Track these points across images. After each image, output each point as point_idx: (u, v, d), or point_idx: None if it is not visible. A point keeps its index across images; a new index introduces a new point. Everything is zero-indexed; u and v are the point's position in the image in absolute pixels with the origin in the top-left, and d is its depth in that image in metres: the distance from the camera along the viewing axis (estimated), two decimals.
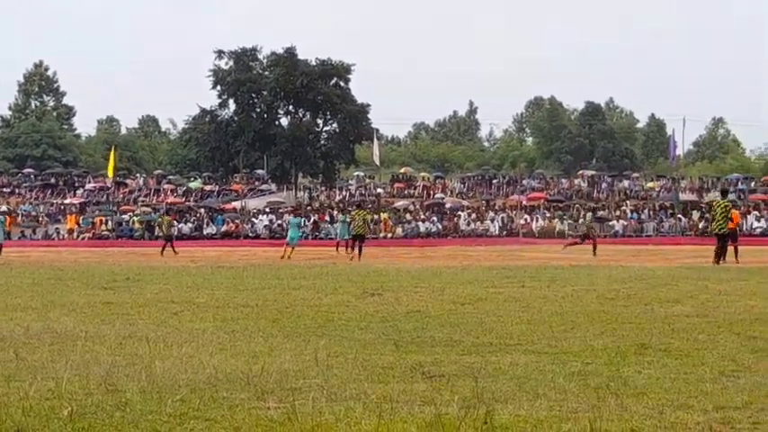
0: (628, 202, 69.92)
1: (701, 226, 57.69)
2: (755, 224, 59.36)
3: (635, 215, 65.28)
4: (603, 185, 77.82)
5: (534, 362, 8.97)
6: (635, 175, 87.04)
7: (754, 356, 9.06)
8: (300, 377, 8.09)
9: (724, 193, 34.32)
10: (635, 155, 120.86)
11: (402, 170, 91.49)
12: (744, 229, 51.77)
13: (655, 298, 15.89)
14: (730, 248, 29.50)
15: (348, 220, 39.40)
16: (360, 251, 34.18)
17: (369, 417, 6.38)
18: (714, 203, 28.71)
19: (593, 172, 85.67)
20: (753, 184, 78.75)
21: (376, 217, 61.43)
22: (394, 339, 10.69)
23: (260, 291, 17.95)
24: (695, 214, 61.68)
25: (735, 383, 7.58)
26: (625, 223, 63.33)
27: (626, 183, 79.12)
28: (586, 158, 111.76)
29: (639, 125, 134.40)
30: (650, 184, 78.68)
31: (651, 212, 66.04)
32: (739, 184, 76.98)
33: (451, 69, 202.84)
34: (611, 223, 63.24)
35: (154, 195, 77.07)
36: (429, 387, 7.64)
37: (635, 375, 8.08)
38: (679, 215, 62.44)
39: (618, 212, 65.91)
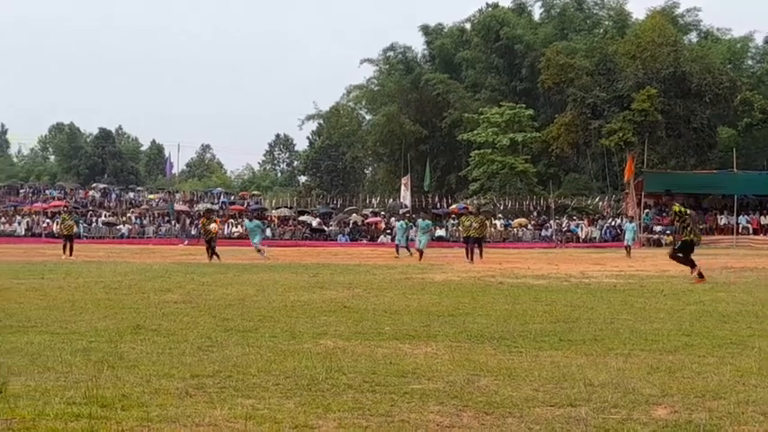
0: (133, 209, 69.33)
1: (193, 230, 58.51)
2: (234, 230, 61.23)
3: (139, 220, 65.04)
4: (113, 196, 76.62)
5: (47, 341, 8.61)
6: (139, 188, 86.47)
7: (226, 334, 9.24)
8: None
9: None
10: (139, 172, 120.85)
11: None
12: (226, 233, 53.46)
13: (151, 288, 15.85)
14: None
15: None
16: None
17: None
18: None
19: (105, 185, 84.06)
20: (232, 197, 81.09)
21: None
22: None
23: None
24: (187, 220, 62.40)
25: (209, 356, 7.68)
26: (130, 227, 62.91)
27: (131, 194, 78.50)
28: (100, 174, 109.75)
29: (143, 148, 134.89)
30: (151, 196, 78.41)
31: (152, 218, 66.10)
32: (222, 197, 79.01)
33: None
34: (118, 227, 62.53)
35: None
36: None
37: (130, 351, 7.95)
38: (174, 221, 63.03)
39: (124, 218, 65.42)
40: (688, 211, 18.85)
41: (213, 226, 30.04)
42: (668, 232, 50.68)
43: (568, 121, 68.41)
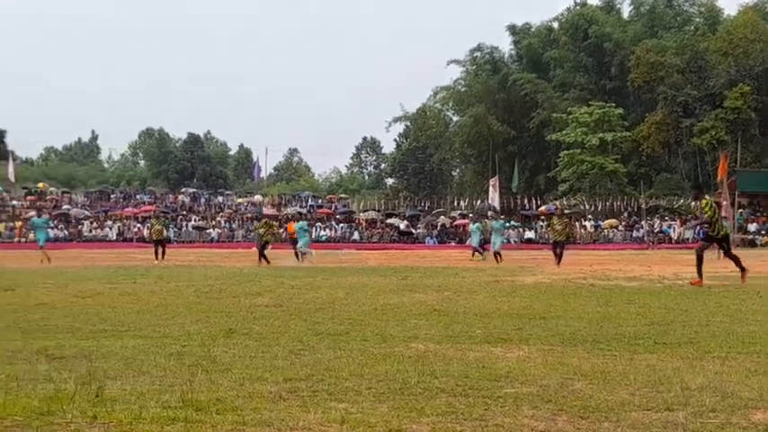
0: (222, 213, 70.37)
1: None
2: (322, 233, 61.57)
3: (228, 224, 65.94)
4: (202, 200, 77.88)
5: (141, 345, 8.72)
6: (228, 192, 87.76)
7: (317, 338, 9.27)
8: None
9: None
10: (228, 176, 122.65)
11: (40, 185, 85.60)
12: (314, 236, 53.85)
13: (241, 292, 16.01)
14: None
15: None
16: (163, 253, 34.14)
17: None
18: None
19: (195, 189, 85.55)
20: (320, 200, 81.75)
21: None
22: (22, 327, 10.08)
23: None
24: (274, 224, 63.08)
25: (301, 360, 7.70)
26: (219, 231, 63.79)
27: (220, 198, 79.68)
28: (189, 178, 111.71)
29: (231, 152, 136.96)
30: (240, 200, 79.57)
31: (241, 222, 66.95)
32: (310, 200, 79.73)
33: (77, 99, 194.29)
34: (208, 231, 63.53)
35: None
36: (50, 367, 7.22)
37: (222, 354, 8.02)
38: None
39: (214, 222, 66.35)
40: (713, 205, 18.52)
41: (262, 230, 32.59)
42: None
43: (659, 119, 67.29)
